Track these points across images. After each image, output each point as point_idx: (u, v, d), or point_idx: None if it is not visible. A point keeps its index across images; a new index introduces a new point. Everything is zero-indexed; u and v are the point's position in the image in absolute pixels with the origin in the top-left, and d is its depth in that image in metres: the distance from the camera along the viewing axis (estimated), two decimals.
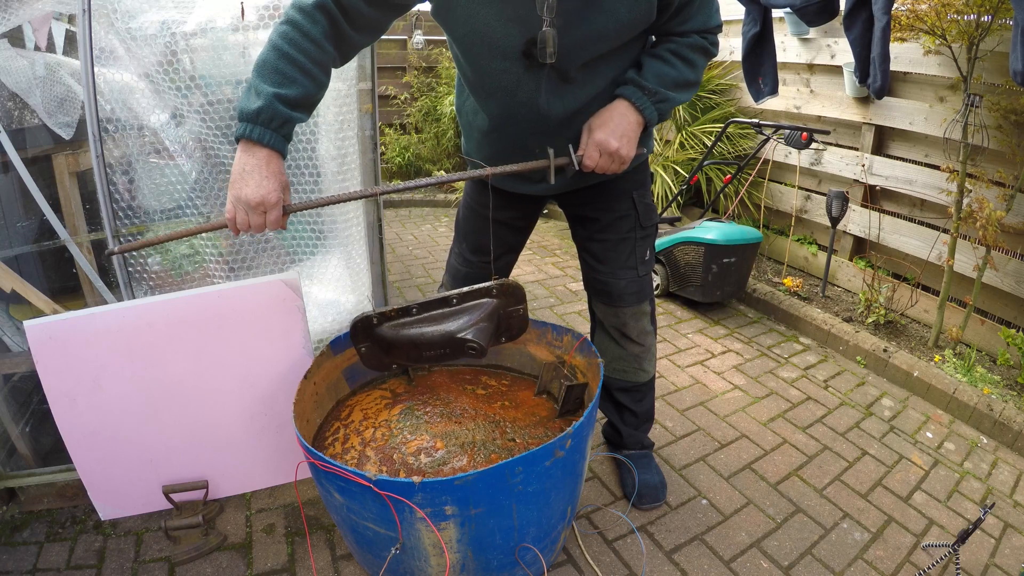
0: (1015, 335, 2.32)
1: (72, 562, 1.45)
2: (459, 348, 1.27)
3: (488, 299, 1.30)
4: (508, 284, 1.30)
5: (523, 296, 1.33)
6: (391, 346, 1.31)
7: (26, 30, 1.69)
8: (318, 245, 1.78)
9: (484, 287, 1.29)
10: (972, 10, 2.15)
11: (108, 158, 1.48)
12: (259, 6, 1.50)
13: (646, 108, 1.22)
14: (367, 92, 1.67)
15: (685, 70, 1.24)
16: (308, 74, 1.09)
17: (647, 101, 1.22)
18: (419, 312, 1.29)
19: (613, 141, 1.20)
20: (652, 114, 1.23)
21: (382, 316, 1.29)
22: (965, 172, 2.36)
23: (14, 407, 1.66)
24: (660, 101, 1.23)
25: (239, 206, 1.09)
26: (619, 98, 1.23)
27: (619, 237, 1.48)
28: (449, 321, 1.28)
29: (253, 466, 1.62)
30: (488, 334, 1.28)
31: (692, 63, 1.25)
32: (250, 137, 1.06)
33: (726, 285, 2.82)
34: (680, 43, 1.24)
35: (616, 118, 1.22)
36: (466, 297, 1.29)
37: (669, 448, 1.93)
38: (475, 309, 1.29)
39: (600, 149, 1.21)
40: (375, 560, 1.26)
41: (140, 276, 1.60)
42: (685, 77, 1.25)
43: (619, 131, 1.21)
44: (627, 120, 1.22)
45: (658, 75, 1.22)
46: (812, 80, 3.17)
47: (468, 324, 1.27)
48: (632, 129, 1.22)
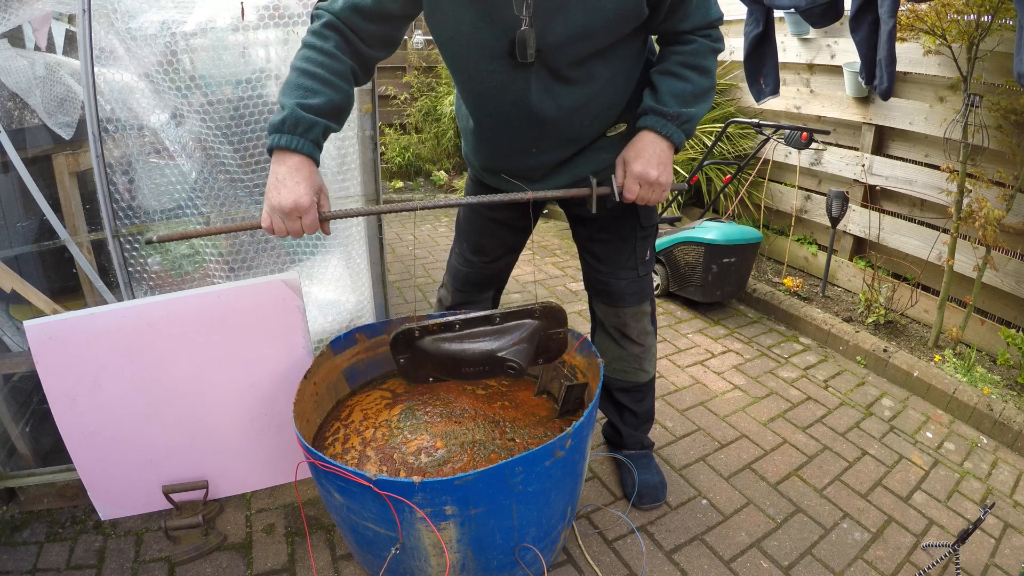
0: (1015, 335, 2.32)
1: (72, 562, 1.45)
2: (498, 367, 1.27)
3: (530, 320, 1.30)
4: (551, 307, 1.31)
5: (565, 319, 1.34)
6: (431, 359, 1.31)
7: (26, 30, 1.69)
8: (318, 245, 1.78)
9: (528, 308, 1.30)
10: (972, 10, 2.15)
11: (108, 158, 1.48)
12: (259, 6, 1.50)
13: (673, 134, 1.22)
14: (367, 92, 1.67)
15: (700, 80, 1.23)
16: (327, 83, 1.11)
17: (672, 127, 1.21)
18: (462, 328, 1.29)
19: (652, 171, 1.20)
20: (680, 138, 1.23)
21: (424, 330, 1.29)
22: (965, 172, 2.36)
23: (14, 407, 1.66)
24: (685, 122, 1.22)
25: (274, 214, 1.10)
26: (644, 130, 1.22)
27: (619, 237, 1.48)
28: (490, 340, 1.28)
29: (253, 466, 1.62)
30: (528, 355, 1.29)
31: (704, 70, 1.23)
32: (278, 146, 1.09)
33: (726, 285, 2.82)
34: (687, 52, 1.22)
35: (649, 148, 1.22)
36: (509, 316, 1.30)
37: (669, 448, 1.93)
38: (517, 329, 1.30)
39: (640, 181, 1.22)
40: (375, 560, 1.26)
41: (140, 276, 1.60)
42: (701, 87, 1.23)
43: (654, 160, 1.21)
44: (659, 148, 1.21)
45: (675, 95, 1.21)
46: (812, 80, 3.17)
47: (509, 344, 1.27)
48: (666, 156, 1.22)
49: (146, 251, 1.60)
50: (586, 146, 1.35)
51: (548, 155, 1.32)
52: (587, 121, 1.28)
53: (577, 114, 1.25)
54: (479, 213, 1.60)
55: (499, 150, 1.37)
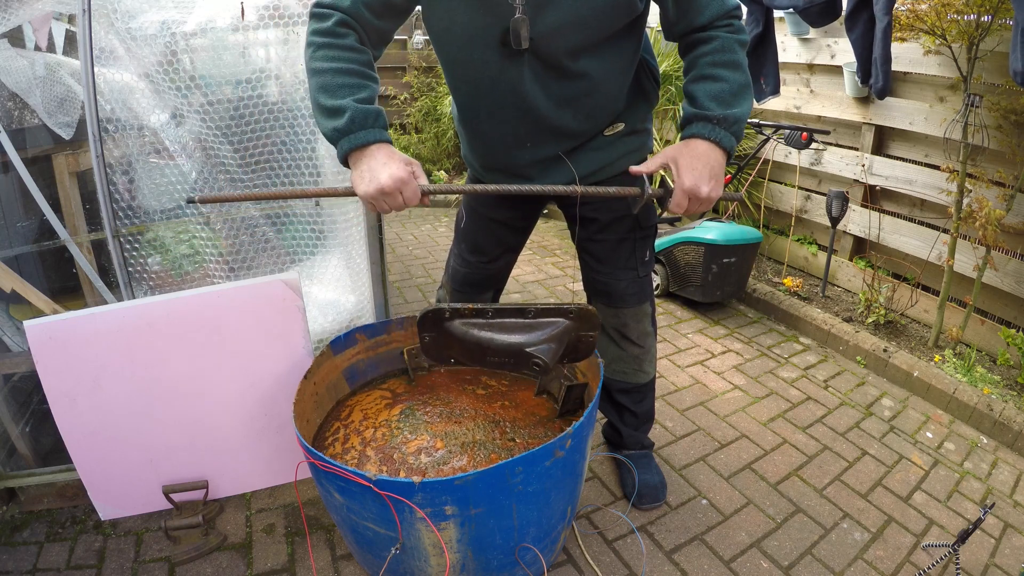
0: (1015, 335, 2.32)
1: (72, 562, 1.45)
2: (524, 361, 1.26)
3: (564, 319, 1.29)
4: (587, 310, 1.29)
5: (599, 324, 1.33)
6: (456, 343, 1.30)
7: (26, 30, 1.69)
8: (318, 245, 1.78)
9: (563, 307, 1.29)
10: (972, 10, 2.15)
11: (108, 158, 1.48)
12: (259, 6, 1.50)
13: (723, 139, 1.14)
14: None
15: (734, 76, 1.16)
16: (365, 76, 1.12)
17: (721, 131, 1.14)
18: (494, 316, 1.28)
19: (704, 186, 1.13)
20: (731, 142, 1.16)
21: (455, 312, 1.28)
22: (965, 172, 2.36)
23: (14, 407, 1.66)
24: (733, 124, 1.15)
25: (378, 200, 1.09)
26: (694, 138, 1.15)
27: (618, 237, 1.48)
28: (521, 333, 1.27)
29: (253, 466, 1.62)
30: (555, 355, 1.27)
31: (736, 65, 1.16)
32: (354, 146, 1.08)
33: (726, 285, 2.82)
34: (712, 51, 1.16)
35: (702, 158, 1.14)
36: (543, 313, 1.29)
37: (669, 448, 1.93)
38: (548, 326, 1.28)
39: (690, 196, 1.14)
40: (375, 560, 1.26)
41: (140, 276, 1.60)
42: (738, 83, 1.16)
43: (707, 173, 1.13)
44: (711, 158, 1.14)
45: (715, 97, 1.14)
46: (812, 80, 3.16)
47: (538, 340, 1.26)
48: (719, 166, 1.16)
49: (146, 251, 1.60)
50: (583, 144, 1.35)
51: (543, 150, 1.32)
52: (580, 116, 1.28)
53: (569, 107, 1.25)
54: (479, 213, 1.59)
55: (494, 144, 1.36)
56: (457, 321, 1.28)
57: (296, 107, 1.60)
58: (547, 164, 1.36)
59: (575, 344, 1.34)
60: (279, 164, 1.62)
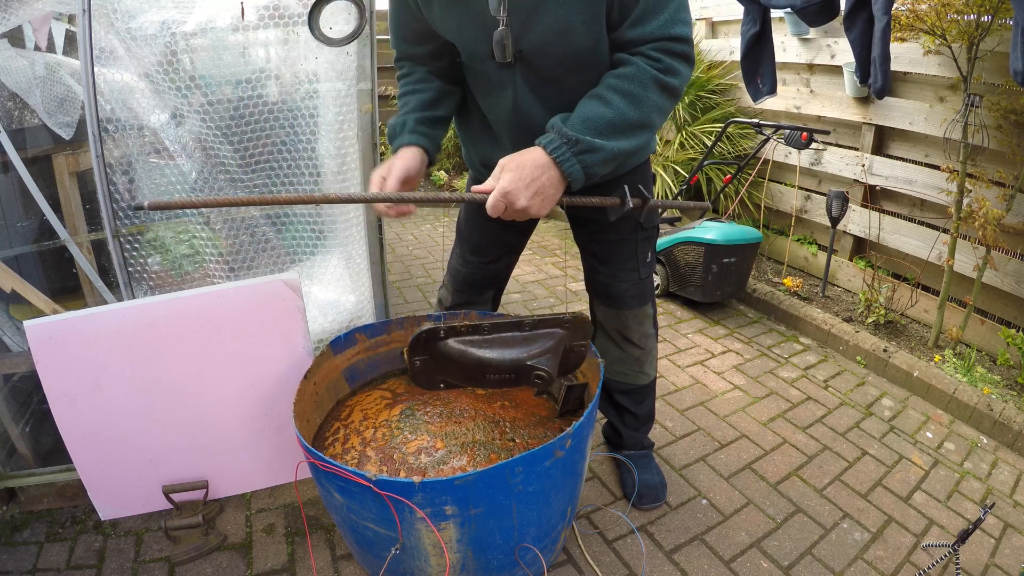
0: (1015, 335, 2.32)
1: (72, 562, 1.45)
2: (525, 375, 1.24)
3: (559, 329, 1.28)
4: (581, 319, 1.28)
5: (591, 332, 1.32)
6: (452, 363, 1.25)
7: (26, 30, 1.69)
8: (318, 245, 1.78)
9: (559, 317, 1.27)
10: (972, 10, 2.15)
11: (108, 158, 1.48)
12: (259, 6, 1.50)
13: (565, 160, 1.03)
14: (367, 92, 1.67)
15: (625, 109, 1.04)
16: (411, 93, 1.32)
17: (568, 154, 1.02)
18: (490, 332, 1.25)
19: (522, 199, 1.01)
20: (574, 168, 1.04)
21: (451, 330, 1.23)
22: (965, 172, 2.36)
23: (14, 407, 1.66)
24: (584, 152, 1.03)
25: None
26: (537, 147, 1.05)
27: (620, 238, 1.48)
28: (520, 347, 1.24)
29: (253, 466, 1.62)
30: (556, 365, 1.25)
31: (635, 99, 1.04)
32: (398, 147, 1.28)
33: (726, 285, 2.82)
34: (621, 75, 1.06)
35: (529, 168, 1.02)
36: (539, 324, 1.27)
37: (669, 448, 1.93)
38: (546, 338, 1.26)
39: (506, 202, 1.02)
40: (375, 560, 1.26)
41: (140, 276, 1.60)
42: (624, 118, 1.05)
43: (533, 187, 1.02)
44: (544, 175, 1.03)
45: (586, 119, 1.04)
46: (812, 80, 3.17)
47: (537, 352, 1.24)
48: (549, 187, 1.03)
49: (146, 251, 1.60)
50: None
51: None
52: None
53: None
54: (479, 214, 1.59)
55: (494, 151, 1.37)
56: (452, 340, 1.24)
57: (296, 107, 1.60)
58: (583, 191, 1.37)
59: (567, 354, 1.32)
60: (279, 164, 1.62)
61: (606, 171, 1.09)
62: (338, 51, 1.56)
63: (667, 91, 1.07)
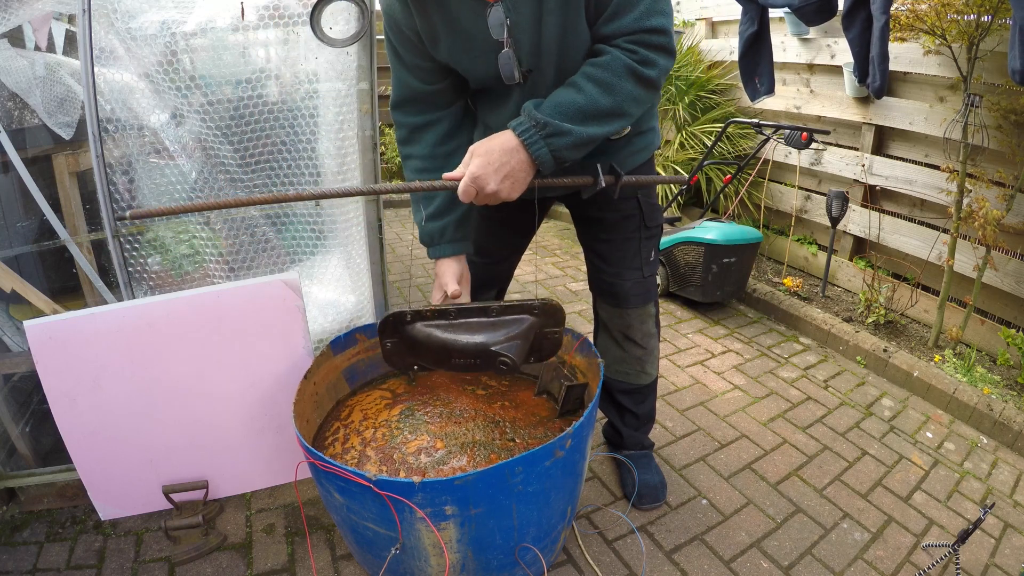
0: (1015, 335, 2.32)
1: (72, 562, 1.45)
2: (490, 361, 1.23)
3: (528, 316, 1.26)
4: (551, 305, 1.27)
5: (563, 319, 1.30)
6: (420, 346, 1.26)
7: (26, 30, 1.69)
8: (318, 245, 1.78)
9: (527, 303, 1.26)
10: (972, 10, 2.15)
11: (108, 158, 1.48)
12: (259, 6, 1.50)
13: (533, 143, 1.04)
14: (367, 92, 1.67)
15: (598, 97, 1.04)
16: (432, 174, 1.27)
17: (536, 137, 1.04)
18: (456, 317, 1.25)
19: (491, 183, 1.04)
20: (542, 152, 1.05)
21: (417, 314, 1.25)
22: (965, 172, 2.36)
23: (14, 407, 1.66)
24: (552, 135, 1.04)
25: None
26: (508, 130, 1.07)
27: (624, 237, 1.48)
28: (485, 332, 1.24)
29: (253, 466, 1.62)
30: (523, 352, 1.24)
31: (608, 87, 1.05)
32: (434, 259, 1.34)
33: (726, 285, 2.82)
34: (597, 64, 1.07)
35: (498, 151, 1.04)
36: (507, 310, 1.26)
37: (669, 448, 1.93)
38: (513, 324, 1.25)
39: (476, 187, 1.05)
40: (375, 560, 1.26)
41: (140, 276, 1.60)
42: (596, 105, 1.05)
43: (502, 171, 1.04)
44: (513, 158, 1.05)
45: (557, 104, 1.05)
46: (812, 80, 3.17)
47: (503, 338, 1.23)
48: (519, 170, 1.05)
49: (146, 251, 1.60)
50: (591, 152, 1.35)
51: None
52: None
53: None
54: (483, 215, 1.60)
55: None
56: (419, 324, 1.25)
57: (296, 107, 1.60)
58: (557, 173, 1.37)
59: (540, 341, 1.30)
60: (279, 164, 1.62)
61: (576, 156, 1.10)
62: (338, 51, 1.56)
63: (643, 81, 1.07)
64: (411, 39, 1.18)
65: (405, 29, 1.17)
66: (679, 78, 3.63)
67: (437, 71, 1.22)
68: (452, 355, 1.25)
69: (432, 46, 1.17)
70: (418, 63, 1.21)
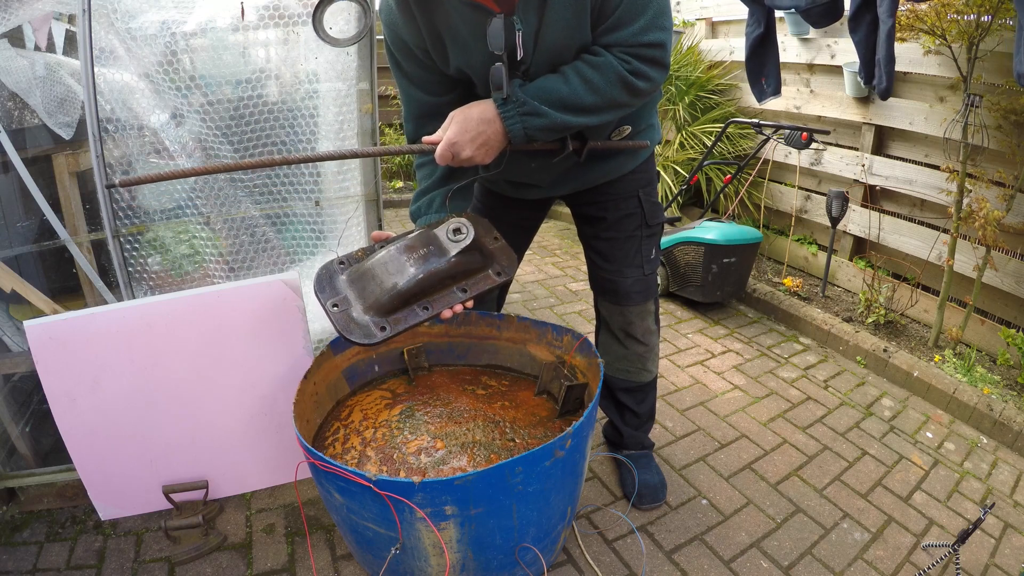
0: (1015, 335, 2.32)
1: (72, 562, 1.45)
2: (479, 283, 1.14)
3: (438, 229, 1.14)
4: (466, 215, 1.22)
5: (491, 227, 1.24)
6: (370, 295, 1.11)
7: (26, 30, 1.69)
8: (318, 245, 1.78)
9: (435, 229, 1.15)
10: (972, 10, 2.15)
11: (108, 158, 1.48)
12: (259, 6, 1.50)
13: (510, 118, 1.08)
14: (367, 92, 1.67)
15: (581, 90, 1.08)
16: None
17: (512, 111, 1.08)
18: (383, 247, 1.16)
19: (467, 149, 1.09)
20: (516, 128, 1.09)
21: (350, 258, 1.17)
22: (965, 172, 2.36)
23: (14, 407, 1.66)
24: (529, 114, 1.08)
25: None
26: (487, 101, 1.11)
27: (625, 235, 1.49)
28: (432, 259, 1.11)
29: (253, 466, 1.62)
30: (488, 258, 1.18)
31: (593, 85, 1.08)
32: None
33: (726, 285, 2.82)
34: (588, 61, 1.09)
35: (475, 121, 1.09)
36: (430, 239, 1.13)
37: (669, 448, 1.93)
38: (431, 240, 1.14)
39: (451, 152, 1.10)
40: (375, 560, 1.26)
41: (140, 276, 1.60)
42: (579, 99, 1.08)
43: (478, 140, 1.09)
44: (487, 127, 1.09)
45: (542, 88, 1.09)
46: (812, 80, 3.16)
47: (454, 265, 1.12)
48: (493, 139, 1.10)
49: (146, 251, 1.60)
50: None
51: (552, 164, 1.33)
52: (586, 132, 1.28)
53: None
54: (485, 214, 1.60)
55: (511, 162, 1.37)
56: (354, 267, 1.15)
57: (296, 107, 1.60)
58: (557, 173, 1.38)
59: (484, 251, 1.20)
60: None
61: (548, 137, 1.15)
62: (338, 51, 1.56)
63: (631, 90, 1.11)
64: (415, 53, 1.18)
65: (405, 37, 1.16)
66: (679, 78, 3.63)
67: (443, 83, 1.23)
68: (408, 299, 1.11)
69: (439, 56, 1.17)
70: (422, 75, 1.21)
